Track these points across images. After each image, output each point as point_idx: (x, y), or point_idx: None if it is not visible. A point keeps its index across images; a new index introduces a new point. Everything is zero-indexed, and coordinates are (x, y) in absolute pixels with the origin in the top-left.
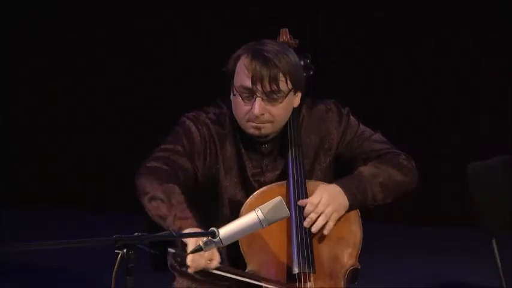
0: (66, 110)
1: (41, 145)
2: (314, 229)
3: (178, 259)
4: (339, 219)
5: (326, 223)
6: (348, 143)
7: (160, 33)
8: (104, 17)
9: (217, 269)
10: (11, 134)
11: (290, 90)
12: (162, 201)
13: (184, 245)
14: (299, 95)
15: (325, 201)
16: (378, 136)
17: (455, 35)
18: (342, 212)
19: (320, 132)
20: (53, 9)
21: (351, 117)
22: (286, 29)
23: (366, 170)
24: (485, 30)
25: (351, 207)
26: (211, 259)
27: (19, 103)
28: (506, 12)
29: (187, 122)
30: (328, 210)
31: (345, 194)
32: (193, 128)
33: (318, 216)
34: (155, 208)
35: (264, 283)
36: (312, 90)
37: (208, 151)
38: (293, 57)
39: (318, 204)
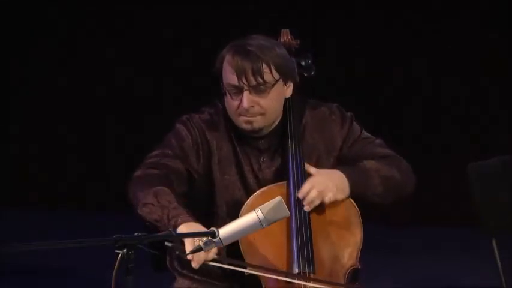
0: (66, 110)
1: (41, 145)
2: (306, 204)
3: (177, 252)
4: (339, 219)
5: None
6: (351, 146)
7: (161, 33)
8: (106, 15)
9: (214, 260)
10: (11, 134)
11: (277, 81)
12: (153, 205)
13: (182, 242)
14: (290, 85)
15: (323, 181)
16: (380, 141)
17: (459, 32)
18: (340, 195)
19: (323, 133)
20: (52, 9)
21: (354, 122)
22: (287, 30)
23: (369, 163)
24: (487, 33)
25: (351, 194)
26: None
27: (19, 103)
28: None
29: (178, 125)
30: (323, 188)
31: (347, 179)
32: (183, 131)
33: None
34: (149, 213)
35: (261, 272)
36: (312, 90)
37: (201, 152)
38: (279, 48)
39: (315, 184)
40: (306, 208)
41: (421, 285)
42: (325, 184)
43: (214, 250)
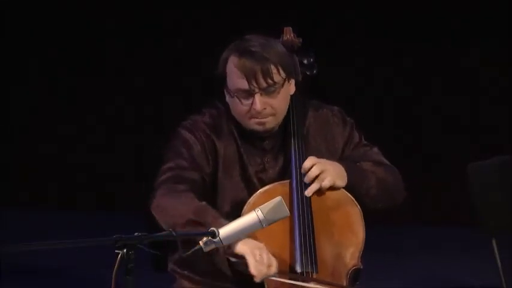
0: (66, 110)
1: (41, 145)
2: (307, 179)
3: (240, 268)
4: (342, 218)
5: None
6: (352, 150)
7: (162, 34)
8: (105, 15)
9: (276, 275)
10: (11, 134)
11: (285, 80)
12: (201, 224)
13: (241, 256)
14: (293, 82)
15: (324, 162)
16: (377, 150)
17: (458, 32)
18: (339, 181)
19: (326, 136)
20: (53, 9)
21: (354, 129)
22: (290, 28)
23: (366, 164)
24: (487, 33)
25: (347, 185)
26: (269, 265)
27: (19, 103)
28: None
29: (183, 132)
30: (324, 169)
31: (346, 171)
32: (190, 138)
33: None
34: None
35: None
36: (313, 90)
37: (209, 157)
38: (279, 46)
39: (316, 161)
40: (307, 193)
41: (421, 286)
42: (326, 165)
43: (275, 264)
